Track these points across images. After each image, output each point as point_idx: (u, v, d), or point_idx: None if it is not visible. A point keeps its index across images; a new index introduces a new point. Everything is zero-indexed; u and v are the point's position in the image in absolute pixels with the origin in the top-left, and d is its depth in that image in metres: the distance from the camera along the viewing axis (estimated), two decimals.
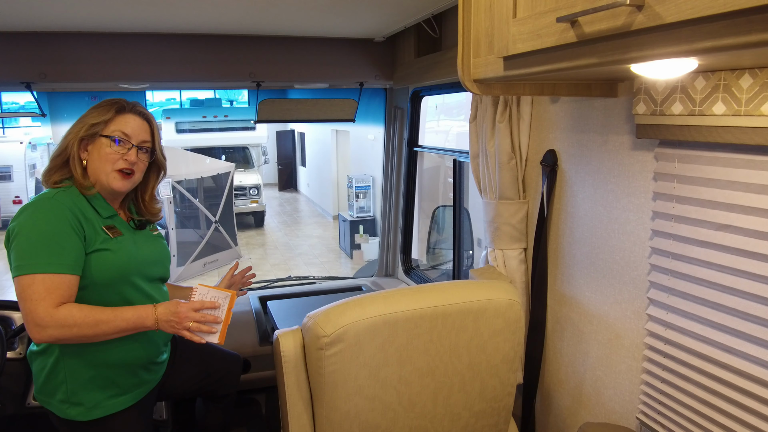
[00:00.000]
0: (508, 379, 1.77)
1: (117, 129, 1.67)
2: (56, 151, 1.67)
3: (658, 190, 1.40)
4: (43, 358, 1.67)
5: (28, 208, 1.57)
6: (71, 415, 1.65)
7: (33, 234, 1.53)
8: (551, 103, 1.79)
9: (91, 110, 1.68)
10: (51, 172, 1.66)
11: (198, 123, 14.47)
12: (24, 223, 1.54)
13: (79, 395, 1.65)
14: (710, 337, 1.30)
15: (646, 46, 0.83)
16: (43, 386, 1.68)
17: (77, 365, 1.64)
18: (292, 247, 12.39)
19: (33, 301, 1.49)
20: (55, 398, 1.66)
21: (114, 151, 1.66)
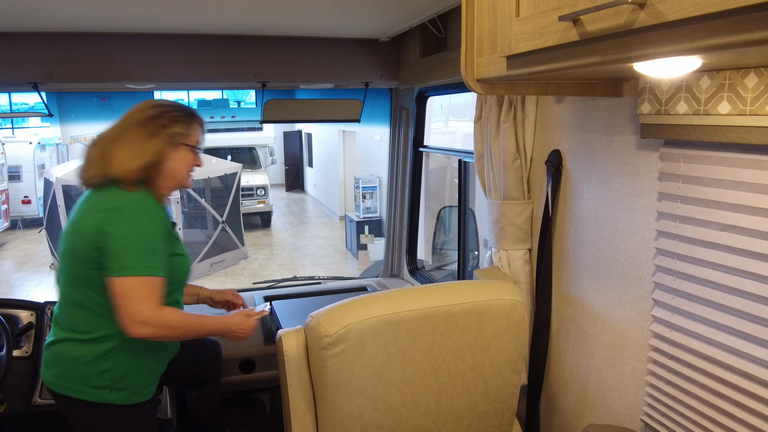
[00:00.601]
0: (511, 380, 1.76)
1: (196, 140, 1.84)
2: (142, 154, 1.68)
3: (663, 190, 1.39)
4: (90, 345, 1.69)
5: (123, 210, 1.63)
6: (111, 399, 1.71)
7: (136, 236, 1.61)
8: (556, 103, 1.79)
9: (167, 119, 1.74)
10: (137, 172, 1.68)
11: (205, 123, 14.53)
12: (125, 224, 1.61)
13: (125, 381, 1.73)
14: (715, 338, 1.29)
15: (649, 45, 0.82)
16: (78, 373, 1.70)
17: (130, 354, 1.72)
18: (299, 248, 12.40)
19: (138, 301, 1.58)
20: (90, 384, 1.70)
21: (193, 158, 1.83)
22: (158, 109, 1.75)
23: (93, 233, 1.61)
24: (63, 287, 1.74)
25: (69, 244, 1.69)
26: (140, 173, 1.67)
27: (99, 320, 1.67)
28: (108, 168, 1.66)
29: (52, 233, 10.05)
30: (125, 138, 1.69)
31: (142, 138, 1.69)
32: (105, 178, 1.67)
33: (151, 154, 1.69)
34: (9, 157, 12.99)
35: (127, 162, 1.66)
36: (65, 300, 1.73)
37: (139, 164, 1.67)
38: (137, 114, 1.75)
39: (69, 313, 1.71)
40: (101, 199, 1.67)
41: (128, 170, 1.66)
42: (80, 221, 1.68)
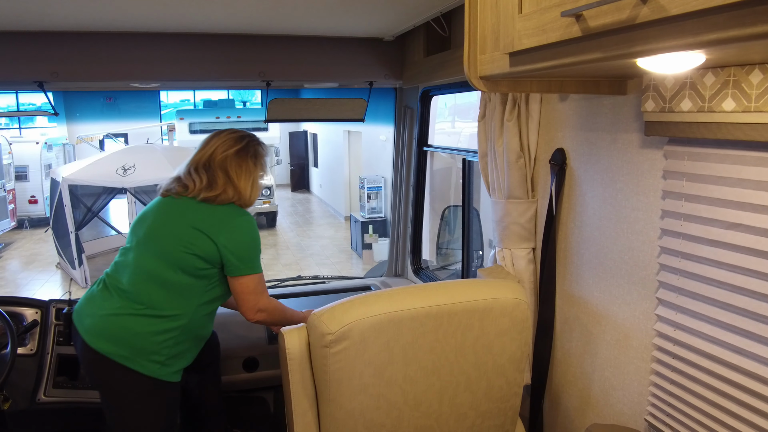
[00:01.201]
0: (515, 380, 1.76)
1: None
2: (256, 180, 2.09)
3: (667, 188, 1.38)
4: (161, 321, 1.91)
5: (246, 220, 2.01)
6: (159, 374, 1.92)
7: (256, 242, 2.03)
8: (560, 101, 1.78)
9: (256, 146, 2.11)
10: (254, 196, 2.09)
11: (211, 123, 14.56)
12: (250, 232, 2.01)
13: (174, 359, 1.95)
14: (720, 337, 1.28)
15: (651, 40, 0.82)
16: (139, 345, 1.89)
17: (187, 336, 1.97)
18: (304, 248, 12.41)
19: (260, 293, 2.01)
20: (147, 357, 1.89)
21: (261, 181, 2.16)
22: (244, 139, 2.09)
23: (222, 241, 1.93)
24: (148, 267, 1.94)
25: (188, 239, 1.93)
26: (253, 196, 2.07)
27: (179, 300, 1.93)
28: (233, 193, 2.01)
29: (59, 233, 10.08)
30: (238, 168, 2.03)
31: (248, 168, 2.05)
32: (232, 199, 2.01)
33: (257, 181, 2.09)
34: (16, 157, 13.03)
35: (249, 188, 2.04)
36: (148, 277, 1.93)
37: (256, 190, 2.08)
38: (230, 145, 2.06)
39: (148, 290, 1.93)
40: (227, 213, 1.99)
41: (251, 194, 2.06)
42: (207, 226, 1.94)
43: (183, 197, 2.00)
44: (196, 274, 1.94)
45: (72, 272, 9.60)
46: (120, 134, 15.51)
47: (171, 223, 1.99)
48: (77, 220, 9.59)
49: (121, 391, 1.93)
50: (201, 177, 2.00)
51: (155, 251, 1.96)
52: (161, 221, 2.01)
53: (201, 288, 1.97)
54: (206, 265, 1.95)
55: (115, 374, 1.90)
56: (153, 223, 2.02)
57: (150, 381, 1.91)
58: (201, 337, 2.06)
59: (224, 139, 2.08)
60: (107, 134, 15.10)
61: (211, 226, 1.95)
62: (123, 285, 1.95)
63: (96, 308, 1.95)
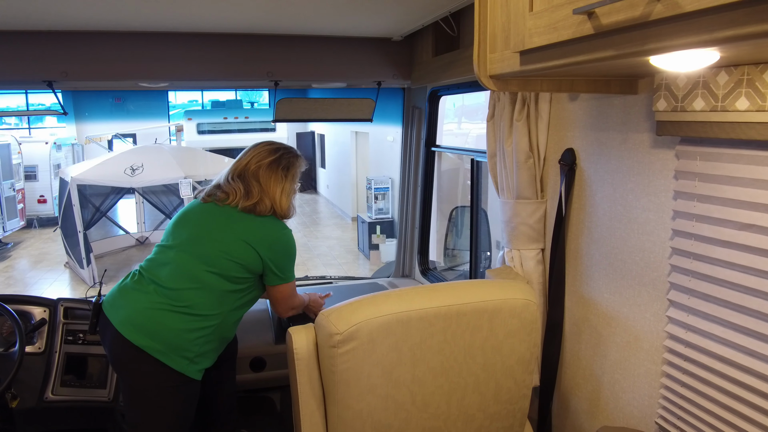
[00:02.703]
0: (523, 381, 1.74)
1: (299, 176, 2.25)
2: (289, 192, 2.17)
3: (679, 188, 1.36)
4: (197, 320, 1.97)
5: (287, 234, 2.14)
6: (187, 371, 1.97)
7: (294, 254, 2.17)
8: (570, 101, 1.77)
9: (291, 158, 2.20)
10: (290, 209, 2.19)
11: (219, 124, 14.61)
12: (290, 246, 2.15)
13: (201, 358, 2.00)
14: (733, 340, 1.26)
15: (665, 37, 0.81)
16: (173, 340, 1.94)
17: (217, 335, 2.03)
18: (311, 248, 12.42)
19: (294, 297, 2.22)
20: (178, 354, 1.95)
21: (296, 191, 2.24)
22: (279, 152, 2.18)
23: (267, 254, 2.05)
24: (190, 268, 2.01)
25: (234, 249, 2.02)
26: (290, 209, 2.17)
27: (215, 302, 2.00)
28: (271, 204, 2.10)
29: (67, 232, 10.14)
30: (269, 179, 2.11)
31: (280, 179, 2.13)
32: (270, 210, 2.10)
33: (292, 193, 2.18)
34: (25, 157, 13.11)
35: (283, 200, 2.13)
36: (188, 278, 2.00)
37: (289, 202, 2.16)
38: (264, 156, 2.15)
39: (188, 289, 1.98)
40: (271, 226, 2.10)
41: (285, 206, 2.13)
42: (255, 239, 2.04)
43: (226, 205, 2.08)
44: (236, 280, 2.03)
45: (80, 271, 9.64)
46: (128, 134, 15.59)
47: (216, 230, 2.07)
48: (85, 219, 9.64)
49: (148, 383, 1.98)
50: (239, 186, 2.09)
51: (198, 254, 2.03)
52: (206, 227, 2.08)
53: (238, 293, 2.06)
54: (248, 274, 2.05)
55: (144, 366, 1.94)
56: (197, 227, 2.09)
57: (177, 376, 1.96)
58: (227, 338, 2.13)
59: (260, 150, 2.17)
60: (116, 134, 15.18)
61: (256, 239, 2.04)
62: (162, 281, 2.00)
63: (132, 301, 1.99)
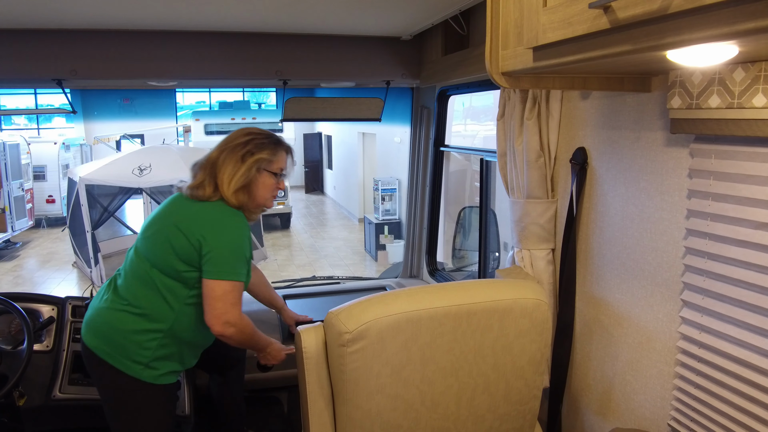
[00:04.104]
0: (534, 382, 1.73)
1: (279, 166, 2.01)
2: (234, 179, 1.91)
3: (693, 187, 1.35)
4: (142, 320, 1.86)
5: (227, 222, 1.88)
6: (143, 376, 1.86)
7: (235, 247, 1.86)
8: (581, 99, 1.75)
9: (254, 144, 1.95)
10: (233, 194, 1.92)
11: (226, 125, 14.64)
12: (228, 235, 1.87)
13: (159, 363, 1.89)
14: (747, 340, 1.24)
15: (684, 30, 0.79)
16: (121, 343, 1.85)
17: (173, 339, 1.89)
18: (318, 249, 12.42)
19: (230, 304, 1.83)
20: (129, 357, 1.85)
21: (275, 183, 2.01)
22: (250, 136, 1.98)
23: (198, 238, 1.83)
24: (138, 264, 1.91)
25: (163, 234, 1.88)
26: (236, 195, 1.91)
27: (160, 302, 1.87)
28: (216, 188, 1.91)
29: (75, 232, 10.17)
30: (222, 163, 1.92)
31: (234, 163, 1.91)
32: (214, 197, 1.91)
33: (240, 178, 1.91)
34: (34, 157, 13.18)
35: (226, 185, 1.90)
36: (135, 275, 1.90)
37: (234, 187, 1.90)
38: (233, 140, 1.97)
39: (134, 287, 1.89)
40: (207, 208, 1.89)
41: (228, 192, 1.90)
42: (187, 223, 1.86)
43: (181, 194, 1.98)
44: (177, 276, 1.87)
45: (88, 271, 9.67)
46: (136, 135, 15.64)
47: (159, 221, 1.95)
48: (93, 219, 9.66)
49: (107, 387, 1.91)
50: (197, 172, 1.97)
51: (143, 249, 1.93)
52: (153, 219, 1.98)
53: (184, 291, 1.89)
54: (186, 267, 1.86)
55: (100, 369, 1.89)
56: (149, 220, 2.00)
57: (132, 381, 1.86)
58: (191, 342, 1.98)
59: (234, 135, 2.02)
60: (124, 135, 15.24)
61: (188, 222, 1.86)
62: (119, 280, 1.95)
63: (95, 300, 1.98)
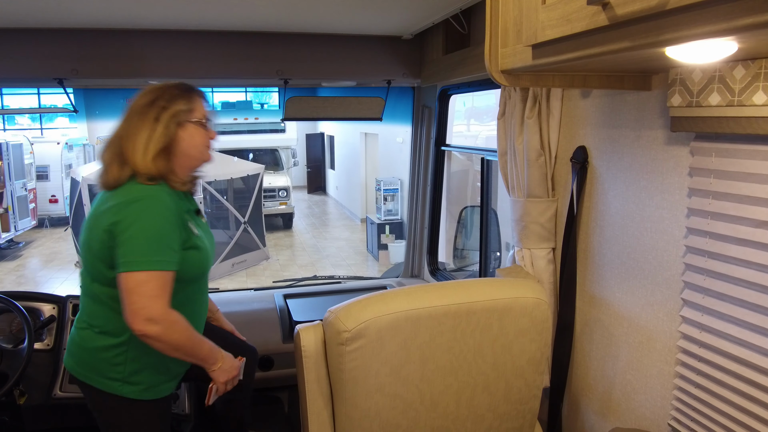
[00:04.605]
0: (534, 381, 1.72)
1: (202, 113, 1.75)
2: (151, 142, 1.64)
3: (693, 186, 1.34)
4: (104, 337, 1.69)
5: (132, 203, 1.59)
6: (123, 392, 1.70)
7: (146, 230, 1.56)
8: (582, 98, 1.74)
9: (166, 99, 1.68)
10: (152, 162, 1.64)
11: (229, 125, 14.66)
12: (135, 218, 1.57)
13: (138, 376, 1.71)
14: (748, 340, 1.23)
15: (682, 27, 0.79)
16: (93, 362, 1.71)
17: (141, 351, 1.68)
18: (320, 249, 12.43)
19: (149, 297, 1.53)
20: (104, 375, 1.70)
21: (205, 132, 1.76)
22: (154, 93, 1.70)
23: (105, 230, 1.59)
24: (83, 280, 1.76)
25: (86, 240, 1.69)
26: (156, 162, 1.64)
27: (111, 314, 1.66)
28: (124, 165, 1.65)
29: (78, 231, 10.19)
30: (132, 131, 1.66)
31: (147, 126, 1.65)
32: (123, 176, 1.65)
33: (159, 140, 1.65)
34: (37, 157, 13.22)
35: (140, 154, 1.63)
36: (84, 291, 1.76)
37: (153, 153, 1.64)
38: (136, 103, 1.70)
39: (87, 304, 1.74)
40: (115, 194, 1.64)
41: (144, 162, 1.63)
42: (95, 218, 1.66)
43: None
44: (112, 283, 1.61)
45: None
46: None
47: (83, 230, 1.74)
48: None
49: (94, 408, 1.78)
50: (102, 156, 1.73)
51: (82, 263, 1.76)
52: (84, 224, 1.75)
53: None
54: (111, 271, 1.61)
55: (84, 390, 1.77)
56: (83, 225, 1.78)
57: (118, 398, 1.71)
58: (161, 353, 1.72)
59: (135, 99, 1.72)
60: None
61: (99, 219, 1.62)
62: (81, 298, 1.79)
63: None
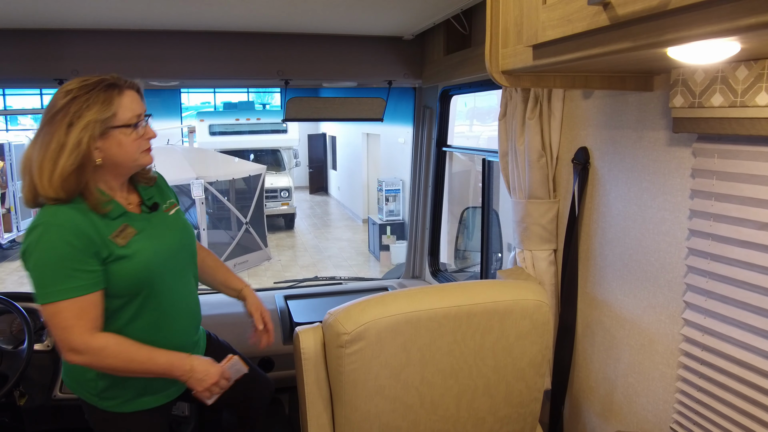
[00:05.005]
0: (535, 384, 1.71)
1: (128, 115, 1.50)
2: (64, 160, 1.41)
3: (696, 187, 1.33)
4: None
5: (34, 229, 1.44)
6: (104, 406, 1.65)
7: (46, 260, 1.43)
8: (583, 98, 1.73)
9: (81, 102, 1.43)
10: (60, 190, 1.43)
11: (231, 125, 14.65)
12: (34, 247, 1.43)
13: (109, 392, 1.64)
14: (751, 343, 1.22)
15: (684, 27, 0.78)
16: (75, 378, 1.67)
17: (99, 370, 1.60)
18: (322, 250, 12.43)
19: (63, 329, 1.45)
20: (85, 389, 1.66)
21: (134, 135, 1.52)
22: (68, 95, 1.44)
23: (21, 257, 1.47)
24: None
25: None
26: (65, 184, 1.42)
27: None
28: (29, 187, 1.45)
29: None
30: (39, 146, 1.44)
31: (56, 141, 1.42)
32: (32, 198, 1.47)
33: (69, 159, 1.41)
34: None
35: (46, 177, 1.42)
36: None
37: (60, 176, 1.41)
38: (48, 108, 1.46)
39: None
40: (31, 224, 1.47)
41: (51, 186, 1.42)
42: None
43: None
44: None
45: None
46: None
47: None
48: None
49: (87, 417, 1.73)
50: None
51: None
52: None
53: None
54: None
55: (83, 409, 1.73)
56: None
57: (102, 412, 1.65)
58: None
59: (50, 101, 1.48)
60: None
61: None
62: None
63: None
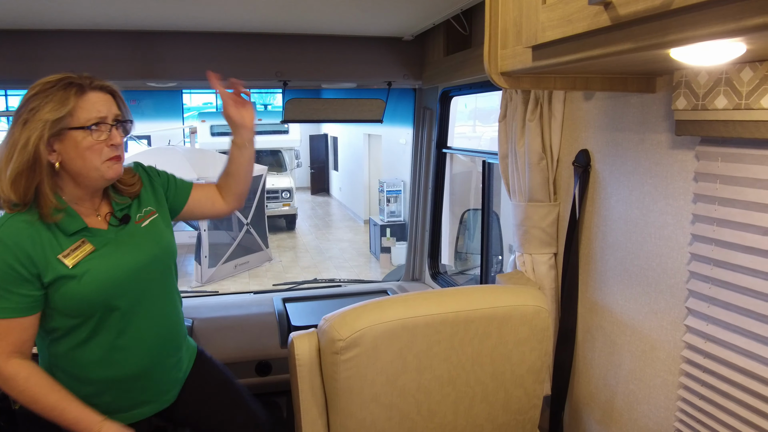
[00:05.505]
0: (534, 391, 1.69)
1: (88, 116, 1.38)
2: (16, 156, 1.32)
3: (698, 191, 1.30)
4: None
5: None
6: None
7: None
8: (584, 100, 1.71)
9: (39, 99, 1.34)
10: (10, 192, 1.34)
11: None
12: None
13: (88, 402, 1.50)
14: (755, 351, 1.20)
15: (688, 27, 0.75)
16: None
17: (70, 382, 1.48)
18: (323, 251, 12.41)
19: None
20: None
21: (95, 140, 1.38)
22: (31, 90, 1.36)
23: None
24: None
25: None
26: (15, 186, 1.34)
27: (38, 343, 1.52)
28: None
29: None
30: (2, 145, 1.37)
31: (11, 138, 1.34)
32: None
33: (19, 158, 1.32)
34: None
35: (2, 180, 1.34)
36: None
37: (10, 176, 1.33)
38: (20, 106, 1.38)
39: None
40: None
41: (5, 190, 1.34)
42: None
43: None
44: None
45: None
46: (143, 136, 15.67)
47: None
48: None
49: None
50: None
51: None
52: None
53: None
54: None
55: None
56: None
57: None
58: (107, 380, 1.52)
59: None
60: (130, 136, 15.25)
61: None
62: None
63: None
